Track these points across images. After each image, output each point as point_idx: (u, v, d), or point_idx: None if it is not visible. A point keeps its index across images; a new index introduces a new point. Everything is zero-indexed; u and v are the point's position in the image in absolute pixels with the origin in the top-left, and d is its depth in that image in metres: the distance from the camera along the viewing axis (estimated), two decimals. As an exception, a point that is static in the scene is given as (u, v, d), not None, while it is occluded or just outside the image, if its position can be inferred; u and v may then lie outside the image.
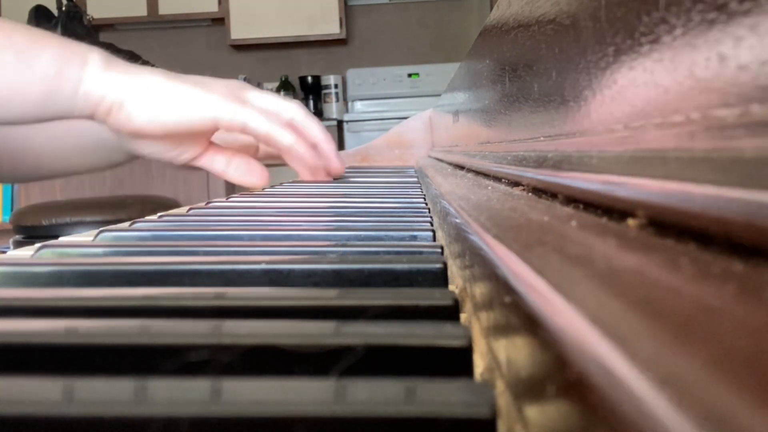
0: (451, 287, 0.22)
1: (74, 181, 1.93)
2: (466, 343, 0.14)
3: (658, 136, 0.15)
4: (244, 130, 0.63)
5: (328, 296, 0.19)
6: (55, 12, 2.24)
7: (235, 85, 0.67)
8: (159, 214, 0.44)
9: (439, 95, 1.26)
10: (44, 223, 1.69)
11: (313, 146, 0.71)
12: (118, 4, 3.28)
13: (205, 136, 0.67)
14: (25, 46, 0.55)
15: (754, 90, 0.11)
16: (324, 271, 0.22)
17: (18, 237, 1.74)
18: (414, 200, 0.47)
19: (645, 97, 0.16)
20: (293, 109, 0.72)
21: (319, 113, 3.33)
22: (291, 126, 0.67)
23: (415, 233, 0.30)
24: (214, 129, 0.64)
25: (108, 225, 0.36)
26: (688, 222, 0.12)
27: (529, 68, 0.30)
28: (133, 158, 0.83)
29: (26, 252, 0.30)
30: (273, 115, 0.66)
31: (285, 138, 0.65)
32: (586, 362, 0.09)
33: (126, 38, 3.23)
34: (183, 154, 0.67)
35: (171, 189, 1.91)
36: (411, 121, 1.26)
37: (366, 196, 0.52)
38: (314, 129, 0.73)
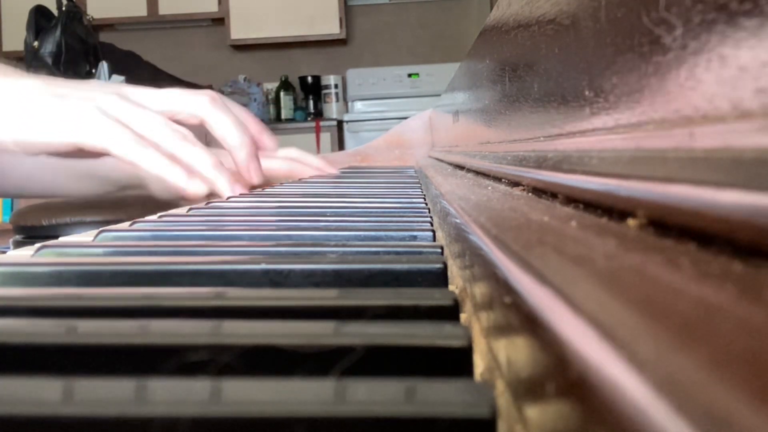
0: (451, 287, 0.22)
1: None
2: (466, 343, 0.14)
3: (658, 136, 0.15)
4: (111, 155, 0.55)
5: (328, 296, 0.19)
6: (55, 12, 2.24)
7: (111, 91, 0.57)
8: (159, 214, 0.44)
9: (439, 95, 1.26)
10: (44, 223, 1.69)
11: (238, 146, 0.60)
12: (118, 4, 3.28)
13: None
14: None
15: (755, 90, 0.11)
16: (324, 271, 0.22)
17: (18, 237, 1.74)
18: (414, 200, 0.47)
19: (645, 96, 0.16)
20: (194, 104, 0.59)
21: (319, 113, 3.33)
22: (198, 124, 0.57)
23: (415, 233, 0.30)
24: (81, 150, 0.55)
25: (108, 225, 0.36)
26: (688, 222, 0.12)
27: (529, 68, 0.30)
28: (125, 188, 0.80)
29: (26, 252, 0.30)
30: (154, 127, 0.55)
31: (155, 164, 0.54)
32: (586, 362, 0.09)
33: (126, 38, 3.23)
34: (78, 158, 0.59)
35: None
36: (411, 121, 1.26)
37: (366, 196, 0.52)
38: (225, 129, 0.60)
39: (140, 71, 2.60)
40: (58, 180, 0.75)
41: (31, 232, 1.69)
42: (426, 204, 0.44)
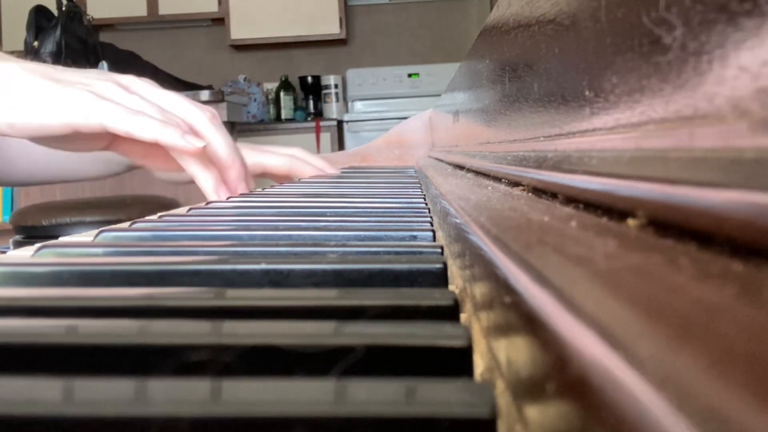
0: (451, 287, 0.22)
1: (74, 181, 1.93)
2: (466, 343, 0.14)
3: (658, 136, 0.15)
4: (106, 131, 0.55)
5: (328, 296, 0.19)
6: (55, 12, 2.24)
7: (108, 78, 0.58)
8: (159, 214, 0.44)
9: (439, 95, 1.26)
10: (44, 223, 1.69)
11: (227, 167, 0.61)
12: (118, 4, 3.28)
13: (88, 134, 0.57)
14: None
15: (755, 90, 0.11)
16: (324, 271, 0.22)
17: (18, 237, 1.74)
18: (414, 200, 0.47)
19: (645, 96, 0.16)
20: (194, 115, 0.60)
21: (319, 113, 3.33)
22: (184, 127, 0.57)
23: (415, 233, 0.30)
24: (78, 133, 0.56)
25: (108, 225, 0.36)
26: (688, 222, 0.12)
27: (529, 68, 0.30)
28: (132, 168, 0.81)
29: (26, 252, 0.30)
30: (149, 106, 0.56)
31: (148, 129, 0.54)
32: (586, 362, 0.09)
33: (126, 38, 3.23)
34: (77, 148, 0.59)
35: (171, 189, 1.91)
36: (411, 121, 1.26)
37: (366, 196, 0.52)
38: (218, 146, 0.61)
39: (140, 71, 2.59)
40: (69, 165, 0.75)
41: (31, 232, 1.69)
42: (426, 204, 0.44)
